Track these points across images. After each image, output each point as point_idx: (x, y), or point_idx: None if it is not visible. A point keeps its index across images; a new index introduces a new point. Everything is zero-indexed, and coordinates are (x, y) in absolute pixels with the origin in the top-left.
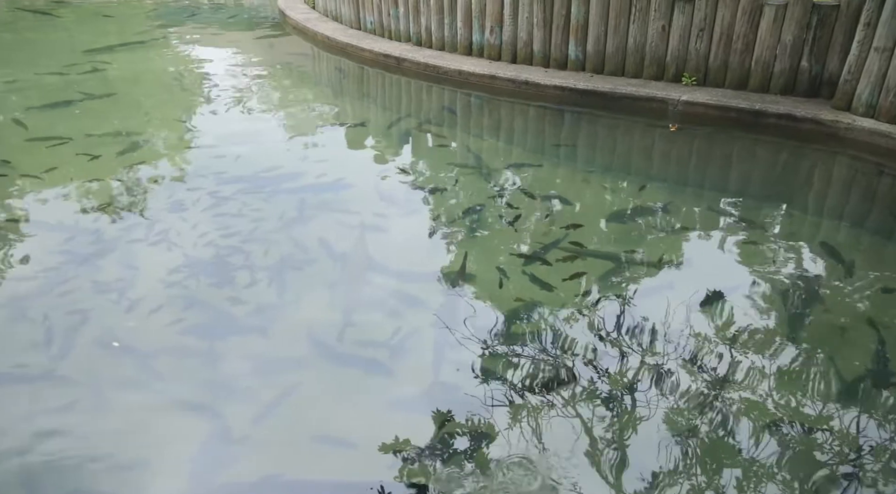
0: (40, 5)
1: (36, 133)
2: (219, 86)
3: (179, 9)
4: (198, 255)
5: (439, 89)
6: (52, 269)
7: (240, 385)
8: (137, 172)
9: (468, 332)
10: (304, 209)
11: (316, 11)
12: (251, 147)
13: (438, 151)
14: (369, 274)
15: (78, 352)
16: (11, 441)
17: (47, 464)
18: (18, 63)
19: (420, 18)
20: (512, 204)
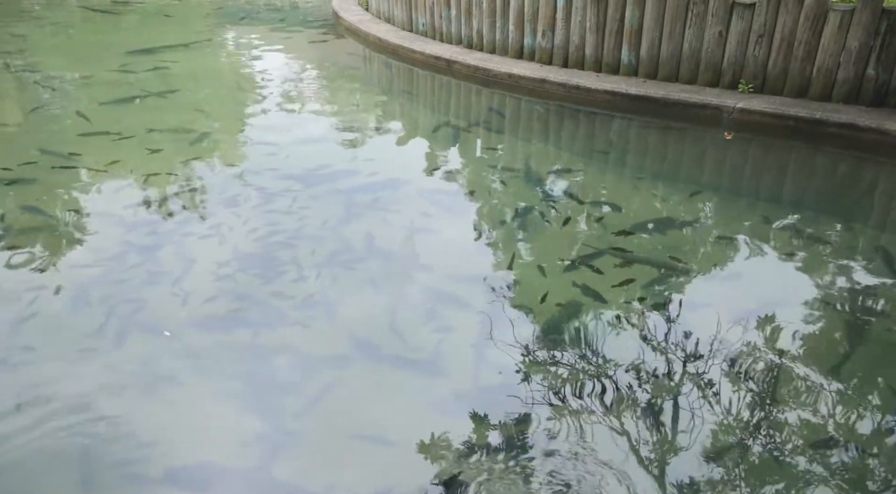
0: (107, 5)
1: (103, 127)
2: (272, 85)
3: (237, 10)
4: (247, 250)
5: (488, 92)
6: (111, 258)
7: (283, 379)
8: (193, 168)
9: (511, 335)
10: (351, 208)
11: (369, 13)
12: (302, 145)
13: (486, 154)
14: (414, 274)
15: (130, 339)
16: (63, 421)
17: (94, 448)
18: (88, 60)
19: (472, 21)
20: (559, 209)
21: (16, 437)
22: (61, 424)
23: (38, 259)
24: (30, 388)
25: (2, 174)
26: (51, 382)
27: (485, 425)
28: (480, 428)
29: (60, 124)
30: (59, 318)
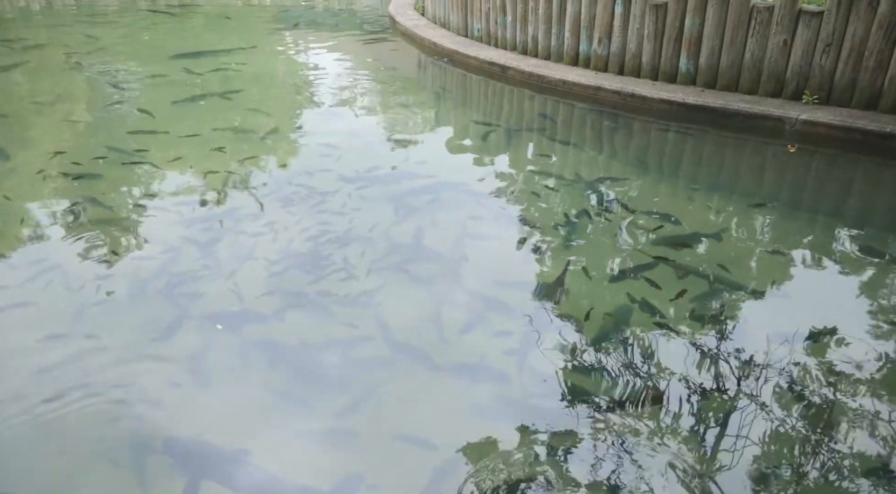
0: (173, 9)
1: (168, 125)
2: (327, 87)
3: (295, 13)
4: (299, 248)
5: (541, 99)
6: (169, 251)
7: (329, 377)
8: (250, 167)
9: (557, 343)
10: (401, 210)
11: (425, 18)
12: (355, 147)
13: (538, 160)
14: (462, 277)
15: (183, 331)
16: (114, 409)
17: (142, 437)
18: (155, 61)
19: (527, 27)
20: (609, 218)
21: (68, 422)
22: (111, 411)
23: (102, 250)
24: (85, 374)
25: (72, 168)
26: (104, 369)
27: (528, 432)
28: (524, 436)
29: (128, 122)
30: (117, 308)
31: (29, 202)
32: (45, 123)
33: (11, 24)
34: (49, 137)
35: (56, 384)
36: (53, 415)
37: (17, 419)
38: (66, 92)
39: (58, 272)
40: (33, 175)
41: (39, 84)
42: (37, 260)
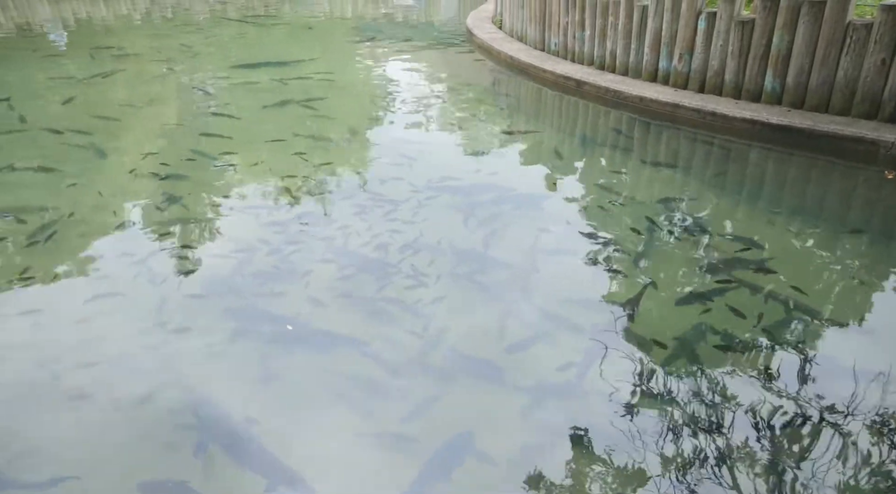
0: (259, 20)
1: (253, 130)
2: (403, 97)
3: (375, 25)
4: (369, 254)
5: (617, 115)
6: (245, 251)
7: (391, 384)
8: (326, 172)
9: (624, 365)
10: (471, 221)
11: (502, 31)
12: (427, 157)
13: (611, 177)
14: (530, 292)
15: (254, 330)
16: (186, 401)
17: (207, 433)
18: (242, 69)
19: (606, 42)
20: (684, 238)
21: (136, 415)
22: (182, 402)
23: (183, 247)
24: (162, 365)
25: (161, 169)
26: (179, 361)
27: (589, 454)
28: (584, 458)
29: (215, 126)
30: (194, 303)
31: (120, 199)
32: (140, 125)
33: (114, 33)
34: (142, 139)
35: (134, 373)
36: (130, 402)
37: (100, 405)
38: (159, 97)
39: (143, 266)
40: (126, 174)
41: (135, 89)
42: (125, 253)
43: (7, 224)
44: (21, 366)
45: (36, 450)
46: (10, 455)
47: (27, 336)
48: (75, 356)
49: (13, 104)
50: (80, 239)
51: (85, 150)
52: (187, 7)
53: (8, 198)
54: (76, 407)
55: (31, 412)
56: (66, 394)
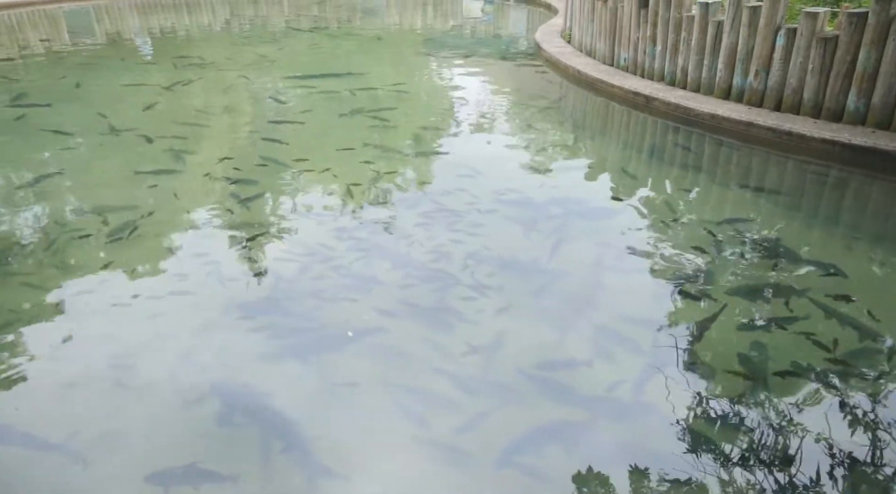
0: (332, 32)
1: (322, 138)
2: (469, 110)
3: (443, 37)
4: (430, 265)
5: (686, 132)
6: (309, 255)
7: (446, 395)
8: (392, 181)
9: (685, 391)
10: (534, 234)
11: (570, 46)
12: (492, 169)
13: (678, 196)
14: (591, 309)
15: (314, 334)
16: (244, 401)
17: (268, 438)
18: (314, 79)
19: (677, 58)
20: (755, 260)
21: (198, 412)
22: (240, 402)
23: (250, 250)
24: (225, 364)
25: (233, 174)
26: (241, 362)
27: (642, 476)
28: (636, 482)
29: (286, 133)
30: (259, 305)
31: (194, 201)
32: (215, 131)
33: (195, 43)
34: (217, 145)
35: (199, 370)
36: (193, 399)
37: (165, 400)
38: (234, 104)
39: (213, 266)
40: (200, 178)
41: (212, 97)
42: (198, 254)
43: (92, 222)
44: (96, 357)
45: (105, 439)
46: (81, 442)
47: (104, 328)
48: (146, 350)
49: (98, 109)
50: (156, 238)
51: (163, 154)
52: (264, 18)
53: (93, 198)
54: (143, 400)
55: (102, 403)
56: (135, 387)
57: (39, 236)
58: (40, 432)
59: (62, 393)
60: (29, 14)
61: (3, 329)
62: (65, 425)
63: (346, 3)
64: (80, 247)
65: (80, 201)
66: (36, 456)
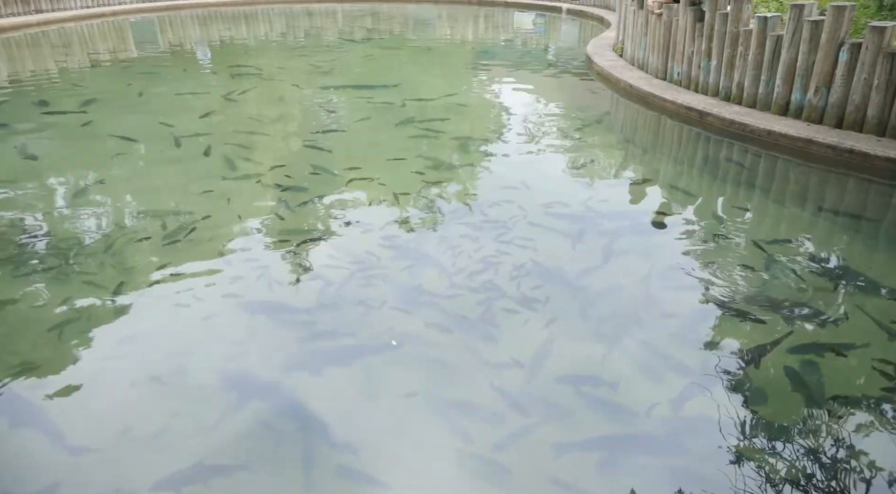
0: (385, 43)
1: (372, 148)
2: (519, 122)
3: (494, 49)
4: (476, 276)
5: (741, 149)
6: (357, 263)
7: (487, 408)
8: (441, 192)
9: (737, 416)
10: (580, 248)
11: (623, 59)
12: (540, 182)
13: (732, 212)
14: (638, 325)
15: (359, 341)
16: (287, 406)
17: (311, 445)
18: (366, 89)
19: (733, 73)
20: (811, 282)
21: (243, 415)
22: (282, 410)
23: (299, 255)
24: (268, 367)
25: (284, 181)
26: (286, 366)
27: None
28: None
29: (338, 142)
30: (304, 310)
31: (246, 207)
32: (268, 139)
33: (251, 53)
34: (269, 152)
35: (247, 374)
36: (240, 401)
37: (213, 402)
38: (287, 113)
39: (263, 271)
40: (252, 184)
41: (266, 105)
42: (248, 258)
43: (149, 225)
44: (149, 356)
45: (154, 437)
46: (132, 439)
47: (158, 328)
48: (197, 350)
49: (159, 117)
50: (209, 242)
51: (218, 160)
52: (319, 29)
53: (151, 202)
54: (190, 399)
55: (153, 401)
56: (184, 386)
57: (101, 237)
58: (93, 427)
59: (115, 389)
60: (99, 25)
61: (63, 326)
62: (117, 421)
63: (399, 14)
64: (137, 249)
65: (139, 204)
66: (87, 450)
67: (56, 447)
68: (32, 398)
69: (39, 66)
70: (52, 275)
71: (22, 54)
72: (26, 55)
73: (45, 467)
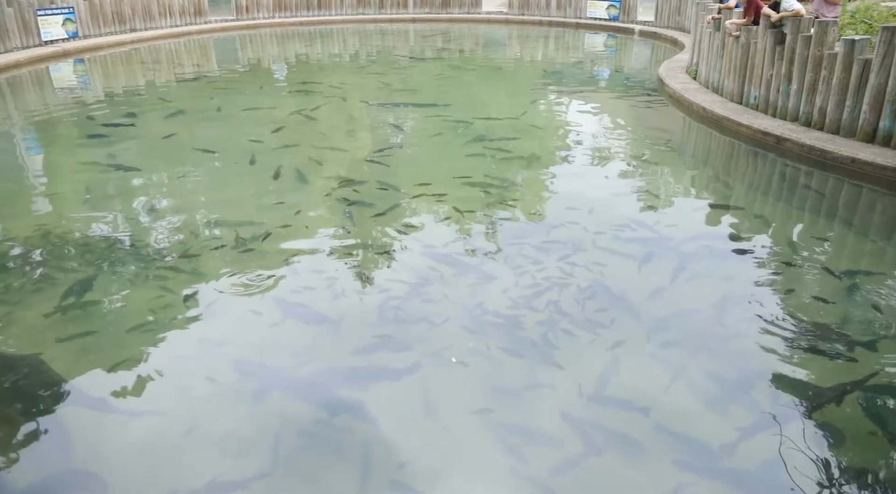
0: (455, 62)
1: (440, 166)
2: (587, 143)
3: (564, 70)
4: (539, 297)
5: (821, 176)
6: (419, 278)
7: (544, 431)
8: (505, 211)
9: (804, 452)
10: (648, 273)
11: (696, 82)
12: (606, 204)
13: (810, 243)
14: (706, 354)
15: (420, 357)
16: (343, 426)
17: (369, 454)
18: (437, 107)
19: (815, 97)
20: (893, 318)
21: (302, 425)
22: (339, 422)
23: (363, 268)
24: (326, 383)
25: (351, 195)
26: (346, 375)
27: None
28: None
29: (404, 159)
30: (365, 323)
31: (314, 219)
32: (337, 154)
33: (325, 70)
34: (340, 167)
35: (306, 384)
36: (299, 410)
37: (271, 405)
38: (357, 129)
39: (327, 283)
40: (321, 197)
41: (338, 121)
42: (315, 270)
43: (222, 234)
44: (216, 360)
45: (220, 440)
46: (197, 440)
47: (226, 333)
48: (261, 357)
49: (235, 130)
50: (279, 253)
51: (289, 174)
52: (391, 48)
53: (225, 212)
54: (253, 404)
55: (218, 403)
56: (250, 392)
57: (177, 244)
58: (160, 425)
59: (184, 391)
60: (185, 43)
61: (138, 328)
62: (184, 422)
63: (470, 34)
64: (211, 256)
65: (214, 214)
66: (154, 448)
67: (125, 442)
68: (108, 394)
69: (130, 81)
70: (131, 279)
71: (116, 70)
72: (120, 71)
73: (116, 462)
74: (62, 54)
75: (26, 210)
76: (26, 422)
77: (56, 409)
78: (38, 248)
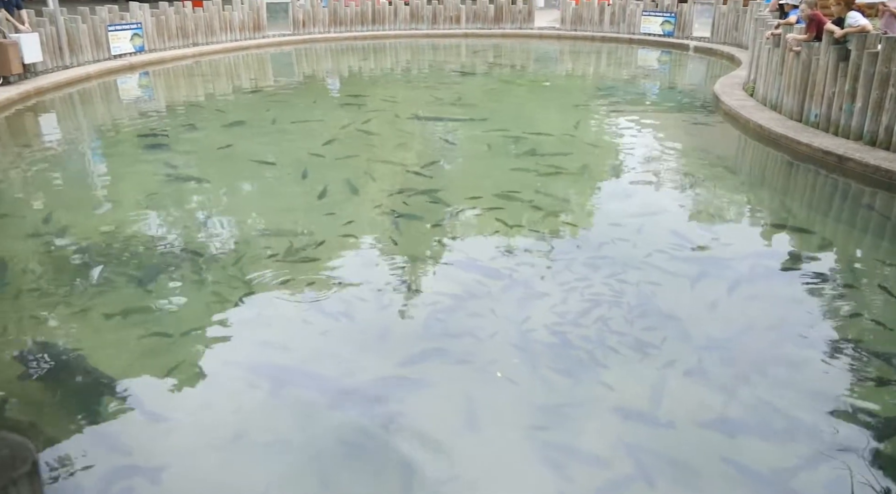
0: (505, 75)
1: (488, 180)
2: (639, 159)
3: (615, 86)
4: (586, 315)
5: (887, 198)
6: (464, 291)
7: (591, 450)
8: (553, 227)
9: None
10: (700, 292)
11: (753, 99)
12: (656, 222)
13: (875, 267)
14: (761, 381)
15: (464, 370)
16: (382, 436)
17: (407, 464)
18: (485, 121)
19: (881, 116)
20: None
21: (343, 434)
22: (383, 435)
23: (409, 280)
24: (370, 395)
25: (400, 207)
26: (387, 392)
27: None
28: None
29: (454, 173)
30: (409, 336)
31: (364, 230)
32: (388, 166)
33: (377, 83)
34: (390, 180)
35: (347, 394)
36: (340, 421)
37: (313, 415)
38: (408, 142)
39: (374, 294)
40: (371, 208)
41: (389, 134)
42: (363, 281)
43: (274, 243)
44: (262, 366)
45: (265, 446)
46: (243, 446)
47: (273, 340)
48: (306, 365)
49: (289, 142)
50: (328, 262)
51: (340, 185)
52: (442, 62)
53: (277, 221)
54: (302, 413)
55: (261, 411)
56: (296, 399)
57: (231, 252)
58: (208, 430)
59: (232, 397)
60: (244, 57)
61: (190, 332)
62: (231, 427)
63: (521, 49)
64: (261, 264)
65: (266, 223)
66: (202, 452)
67: (176, 446)
68: (161, 398)
69: (191, 93)
70: (188, 284)
71: (178, 82)
72: (181, 83)
73: (164, 464)
74: (129, 68)
75: (90, 215)
76: (80, 423)
77: (110, 410)
78: (101, 252)
